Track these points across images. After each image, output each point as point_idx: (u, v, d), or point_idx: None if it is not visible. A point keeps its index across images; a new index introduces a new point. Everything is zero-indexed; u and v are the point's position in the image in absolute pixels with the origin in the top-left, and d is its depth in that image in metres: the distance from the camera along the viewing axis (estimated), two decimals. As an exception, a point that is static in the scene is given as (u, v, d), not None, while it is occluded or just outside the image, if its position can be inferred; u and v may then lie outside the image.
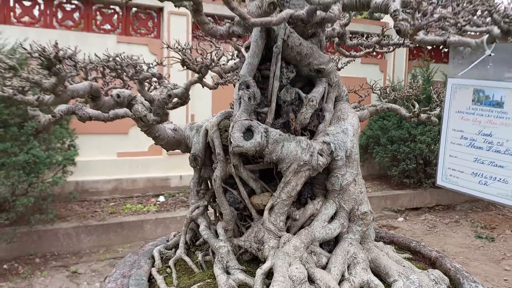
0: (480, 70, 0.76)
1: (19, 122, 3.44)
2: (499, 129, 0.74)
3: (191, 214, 1.19)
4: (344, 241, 1.04)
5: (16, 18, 4.59)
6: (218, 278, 1.00)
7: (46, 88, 0.80)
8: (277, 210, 1.03)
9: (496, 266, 4.01)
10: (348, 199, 1.05)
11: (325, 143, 1.03)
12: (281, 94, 1.11)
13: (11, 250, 3.64)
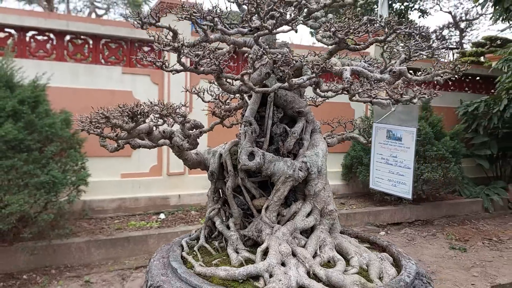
0: (389, 118, 1.23)
1: (40, 147, 3.88)
2: (400, 153, 1.20)
3: (209, 214, 1.64)
4: (317, 230, 1.50)
5: (31, 52, 5.07)
6: (231, 255, 1.45)
7: (126, 129, 1.26)
8: (271, 209, 1.50)
9: (466, 273, 4.47)
10: (319, 201, 1.52)
11: (303, 162, 1.50)
12: (273, 128, 1.59)
13: (29, 262, 4.02)
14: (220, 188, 1.66)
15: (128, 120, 1.24)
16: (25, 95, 3.93)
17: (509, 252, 5.23)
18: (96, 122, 1.25)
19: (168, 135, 1.44)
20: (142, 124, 1.34)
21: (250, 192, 1.56)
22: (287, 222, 1.49)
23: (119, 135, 1.32)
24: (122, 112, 1.24)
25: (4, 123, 3.65)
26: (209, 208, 1.66)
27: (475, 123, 7.47)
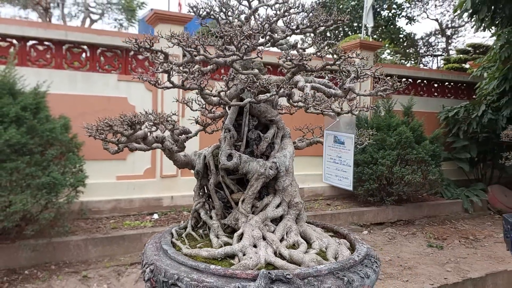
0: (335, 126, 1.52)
1: (41, 150, 4.15)
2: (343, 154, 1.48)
3: (195, 207, 1.93)
4: (284, 219, 1.79)
5: (31, 60, 5.34)
6: (212, 240, 1.74)
7: (126, 135, 1.54)
8: (246, 201, 1.79)
9: (440, 268, 4.79)
10: (287, 195, 1.81)
11: (273, 162, 1.80)
12: (249, 134, 1.88)
13: (30, 258, 4.28)
14: (205, 184, 1.95)
15: (127, 127, 1.52)
16: (27, 102, 4.20)
17: (484, 250, 5.56)
18: (101, 129, 1.53)
19: (160, 140, 1.73)
20: (139, 131, 1.62)
21: (229, 188, 1.85)
22: (259, 212, 1.78)
23: (120, 140, 1.60)
24: (122, 121, 1.52)
25: (8, 128, 3.91)
26: (195, 202, 1.95)
27: (456, 127, 7.82)
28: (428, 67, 16.64)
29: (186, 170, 5.88)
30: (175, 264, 1.54)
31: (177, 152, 1.80)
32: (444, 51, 16.47)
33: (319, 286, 1.43)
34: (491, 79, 7.03)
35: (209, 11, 1.72)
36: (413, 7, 14.93)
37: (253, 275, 1.40)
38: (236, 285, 1.39)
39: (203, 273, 1.45)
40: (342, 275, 1.50)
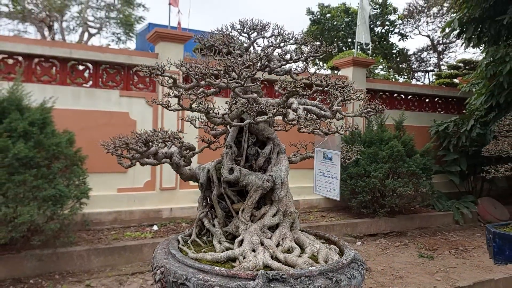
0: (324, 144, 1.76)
1: (47, 163, 4.33)
2: (331, 169, 1.72)
3: (199, 216, 2.12)
4: (280, 227, 1.99)
5: (36, 77, 5.55)
6: (215, 246, 1.94)
7: (140, 152, 1.75)
8: (246, 211, 1.99)
9: (430, 277, 4.97)
10: (282, 205, 2.01)
11: (270, 175, 2.00)
12: (248, 150, 2.09)
13: (35, 268, 4.43)
14: (208, 196, 2.15)
15: (141, 145, 1.73)
16: (35, 117, 4.40)
17: (472, 260, 5.75)
18: (118, 146, 1.73)
19: (169, 155, 1.93)
20: (152, 148, 1.83)
21: (231, 198, 2.05)
22: (258, 220, 1.98)
23: (134, 156, 1.81)
24: (138, 140, 1.73)
25: (16, 143, 4.10)
26: (199, 211, 2.14)
27: (446, 141, 8.07)
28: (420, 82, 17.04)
29: (184, 183, 6.08)
30: (183, 266, 1.73)
31: (184, 166, 2.01)
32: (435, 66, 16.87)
33: (310, 284, 1.62)
34: (479, 95, 7.31)
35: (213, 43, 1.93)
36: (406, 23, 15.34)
37: (252, 275, 1.60)
38: (238, 283, 1.58)
39: (209, 273, 1.65)
40: (331, 275, 1.70)
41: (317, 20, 14.36)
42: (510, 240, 3.40)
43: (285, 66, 1.94)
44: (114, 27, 26.57)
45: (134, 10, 25.81)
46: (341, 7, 14.23)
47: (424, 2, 14.70)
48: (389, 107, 8.47)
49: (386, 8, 13.76)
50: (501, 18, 6.16)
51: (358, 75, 7.78)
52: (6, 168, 4.01)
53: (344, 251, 2.03)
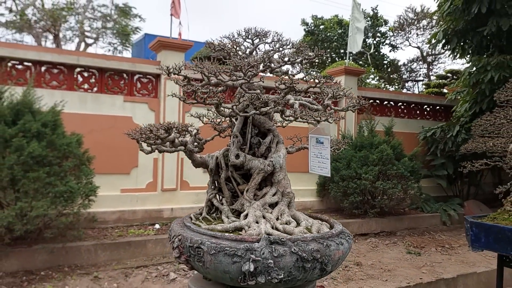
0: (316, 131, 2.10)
1: (58, 162, 4.63)
2: (323, 151, 2.05)
3: (208, 197, 2.44)
4: (279, 204, 2.31)
5: (45, 82, 5.87)
6: (224, 220, 2.25)
7: (161, 138, 2.07)
8: (250, 191, 2.31)
9: (417, 271, 5.29)
10: (281, 186, 2.34)
11: (270, 161, 2.33)
12: (251, 140, 2.42)
13: (45, 261, 4.70)
14: (216, 179, 2.47)
15: (163, 132, 2.05)
16: (47, 119, 4.72)
17: (457, 256, 6.09)
18: (143, 133, 2.06)
19: (184, 143, 2.26)
20: (170, 136, 2.15)
21: (236, 180, 2.37)
22: (260, 199, 2.30)
23: (156, 142, 2.13)
24: (160, 127, 2.05)
25: (30, 142, 4.41)
26: (208, 193, 2.46)
27: (434, 146, 8.46)
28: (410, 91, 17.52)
29: (184, 185, 6.38)
30: (198, 234, 2.05)
31: (196, 153, 2.33)
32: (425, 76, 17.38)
33: (305, 247, 1.95)
34: (463, 102, 7.72)
35: (223, 47, 2.27)
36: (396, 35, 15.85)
37: (257, 239, 1.92)
38: (245, 245, 1.90)
39: (220, 239, 1.97)
40: (323, 241, 2.03)
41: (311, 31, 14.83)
42: (485, 229, 3.74)
43: (283, 67, 2.29)
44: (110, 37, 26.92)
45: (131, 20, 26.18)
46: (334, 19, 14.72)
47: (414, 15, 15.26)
48: (379, 114, 8.86)
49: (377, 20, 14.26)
50: (482, 30, 6.58)
51: (349, 83, 8.17)
52: (21, 165, 4.30)
53: (334, 227, 2.36)
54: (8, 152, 4.35)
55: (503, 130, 3.86)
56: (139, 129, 2.09)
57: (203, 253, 1.96)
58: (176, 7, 6.95)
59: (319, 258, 1.97)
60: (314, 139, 2.18)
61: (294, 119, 2.06)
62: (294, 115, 2.03)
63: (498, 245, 3.65)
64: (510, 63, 6.46)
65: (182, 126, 2.25)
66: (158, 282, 4.58)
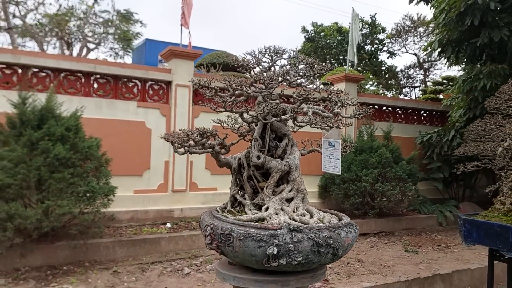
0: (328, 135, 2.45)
1: (81, 164, 4.97)
2: (334, 153, 2.39)
3: (232, 193, 2.78)
4: (294, 199, 2.66)
5: (64, 89, 6.21)
6: (247, 212, 2.60)
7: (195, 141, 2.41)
8: (269, 188, 2.66)
9: (414, 267, 5.64)
10: (296, 183, 2.68)
11: (287, 161, 2.68)
12: (270, 143, 2.77)
13: (67, 257, 5.02)
14: (238, 178, 2.82)
15: (197, 136, 2.40)
16: (70, 124, 5.06)
17: (453, 254, 6.44)
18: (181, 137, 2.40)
19: (212, 146, 2.61)
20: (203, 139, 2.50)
21: (257, 178, 2.72)
22: (278, 194, 2.64)
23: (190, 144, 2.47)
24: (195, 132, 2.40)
25: (55, 145, 4.74)
26: (232, 189, 2.81)
27: (430, 150, 8.83)
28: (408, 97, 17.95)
29: (193, 186, 6.72)
30: (227, 224, 2.39)
31: (223, 154, 2.68)
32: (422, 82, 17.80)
33: (319, 234, 2.29)
34: (458, 108, 8.10)
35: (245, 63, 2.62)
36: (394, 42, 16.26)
37: (279, 227, 2.26)
38: (269, 232, 2.24)
39: (247, 227, 2.31)
40: (334, 230, 2.37)
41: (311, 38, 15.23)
42: (477, 225, 4.10)
43: (299, 80, 2.65)
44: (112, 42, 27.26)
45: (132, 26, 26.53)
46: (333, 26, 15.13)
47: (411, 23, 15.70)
48: (378, 119, 9.23)
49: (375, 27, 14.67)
50: (475, 41, 6.97)
51: (349, 90, 8.54)
52: (47, 166, 4.63)
53: (342, 219, 2.71)
54: (34, 154, 4.68)
55: (493, 135, 4.22)
56: (176, 133, 2.43)
57: (232, 239, 2.30)
58: (185, 18, 7.31)
59: (331, 244, 2.31)
60: (327, 143, 2.53)
61: (309, 125, 2.41)
62: (308, 122, 2.37)
63: (488, 240, 4.01)
64: (501, 72, 6.85)
65: (211, 132, 2.60)
66: (173, 276, 4.91)
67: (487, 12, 6.54)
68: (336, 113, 2.52)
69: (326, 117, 2.53)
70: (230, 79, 2.49)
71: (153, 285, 4.61)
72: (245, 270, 2.52)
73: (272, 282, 2.45)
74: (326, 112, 2.66)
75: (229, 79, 2.48)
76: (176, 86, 6.83)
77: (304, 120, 2.62)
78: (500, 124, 4.26)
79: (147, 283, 4.64)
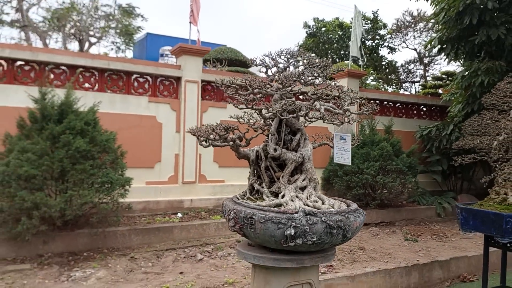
0: (340, 130, 2.73)
1: (99, 156, 5.25)
2: (345, 146, 2.68)
3: (250, 182, 3.07)
4: (307, 188, 2.94)
5: (79, 84, 6.48)
6: (265, 199, 2.88)
7: (220, 135, 2.69)
8: (285, 177, 2.94)
9: (414, 254, 5.95)
10: (308, 173, 2.97)
11: (300, 153, 2.97)
12: (285, 137, 3.06)
13: (86, 244, 5.32)
14: (256, 168, 3.10)
15: (222, 131, 2.68)
16: (88, 118, 5.34)
17: (450, 243, 6.75)
18: (206, 131, 2.68)
19: (233, 139, 2.89)
20: (227, 133, 2.78)
21: (273, 169, 3.00)
22: (292, 183, 2.94)
23: (215, 138, 2.75)
24: (219, 127, 2.68)
25: (75, 138, 5.02)
26: (250, 179, 3.09)
27: (429, 144, 9.12)
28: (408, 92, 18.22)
29: (202, 178, 7.01)
30: (249, 209, 2.68)
31: (243, 147, 2.97)
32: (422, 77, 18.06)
33: (331, 217, 2.58)
34: (457, 103, 8.38)
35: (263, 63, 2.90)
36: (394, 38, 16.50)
37: (295, 211, 2.55)
38: (287, 216, 2.53)
39: (267, 211, 2.59)
40: (344, 214, 2.66)
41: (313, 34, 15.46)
42: (473, 213, 4.39)
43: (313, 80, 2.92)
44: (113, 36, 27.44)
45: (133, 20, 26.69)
46: (335, 21, 15.36)
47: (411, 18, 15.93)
48: (379, 114, 9.51)
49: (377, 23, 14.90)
50: (473, 39, 7.24)
51: (352, 85, 8.82)
52: (69, 158, 4.92)
53: (350, 205, 3.00)
54: (56, 147, 4.96)
55: (489, 129, 4.51)
56: (201, 128, 2.71)
57: (254, 221, 2.58)
58: (194, 16, 7.56)
59: (342, 226, 2.60)
60: (338, 136, 2.81)
61: (322, 120, 2.70)
62: (321, 117, 2.66)
63: (483, 227, 4.31)
64: (498, 68, 7.13)
65: (234, 127, 2.88)
66: (187, 262, 5.21)
67: (485, 11, 6.81)
68: (346, 110, 2.80)
69: (337, 113, 2.82)
70: (250, 78, 2.77)
71: (169, 269, 4.91)
72: (264, 250, 2.81)
73: (289, 260, 2.74)
74: (337, 109, 2.94)
75: (249, 79, 2.76)
76: (186, 81, 7.09)
77: (316, 116, 2.90)
78: (495, 119, 4.55)
79: (163, 268, 4.95)
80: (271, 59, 2.93)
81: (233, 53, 11.83)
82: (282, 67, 3.04)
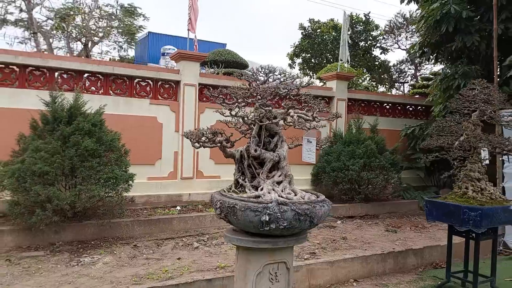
0: (308, 134, 3.30)
1: (105, 154, 5.83)
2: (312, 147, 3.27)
3: (235, 177, 3.64)
4: (283, 182, 3.50)
5: (86, 88, 7.04)
6: (247, 192, 3.45)
7: (209, 138, 3.26)
8: (263, 173, 3.51)
9: (391, 243, 6.52)
10: (284, 170, 3.53)
11: (277, 153, 3.53)
12: (264, 139, 3.63)
13: (93, 234, 5.90)
14: (240, 166, 3.67)
15: (211, 135, 3.25)
16: (95, 120, 5.91)
17: (427, 234, 7.33)
18: (196, 135, 3.25)
19: (221, 141, 3.47)
20: (215, 137, 3.35)
21: (255, 166, 3.57)
22: (270, 179, 3.51)
23: (205, 140, 3.32)
24: (208, 131, 3.25)
25: (84, 138, 5.59)
26: (235, 175, 3.66)
27: (413, 142, 9.69)
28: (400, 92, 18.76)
29: (199, 174, 7.58)
30: (232, 200, 3.25)
31: (229, 148, 3.54)
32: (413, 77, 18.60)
33: (300, 206, 3.15)
34: (437, 104, 8.94)
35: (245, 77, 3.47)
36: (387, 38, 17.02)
37: (270, 201, 3.13)
38: (263, 205, 3.10)
39: (247, 202, 3.17)
40: (311, 203, 3.23)
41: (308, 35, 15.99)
42: (436, 206, 4.98)
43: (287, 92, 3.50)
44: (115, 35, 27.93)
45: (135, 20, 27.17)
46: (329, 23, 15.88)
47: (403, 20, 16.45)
48: (366, 114, 10.08)
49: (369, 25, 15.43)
50: (450, 45, 7.79)
51: (341, 87, 9.38)
52: (78, 157, 5.49)
53: (319, 197, 3.58)
54: (66, 146, 5.53)
55: (451, 131, 5.08)
56: (194, 132, 3.28)
57: (236, 210, 3.15)
58: (192, 23, 8.12)
59: (309, 214, 3.18)
60: (306, 139, 3.38)
61: (294, 126, 3.27)
62: (293, 123, 3.23)
63: (444, 217, 4.90)
64: (474, 72, 7.68)
65: (220, 131, 3.46)
66: (185, 249, 5.79)
67: (460, 20, 7.36)
68: (314, 117, 3.37)
69: (307, 120, 3.39)
70: (235, 91, 3.34)
71: (168, 256, 5.49)
72: (245, 234, 3.39)
73: (265, 242, 3.32)
74: (308, 116, 3.52)
75: (234, 92, 3.33)
76: (184, 85, 7.65)
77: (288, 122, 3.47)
78: (458, 121, 5.12)
79: (162, 255, 5.53)
80: (252, 74, 3.50)
81: (230, 55, 12.38)
82: (262, 79, 3.61)
